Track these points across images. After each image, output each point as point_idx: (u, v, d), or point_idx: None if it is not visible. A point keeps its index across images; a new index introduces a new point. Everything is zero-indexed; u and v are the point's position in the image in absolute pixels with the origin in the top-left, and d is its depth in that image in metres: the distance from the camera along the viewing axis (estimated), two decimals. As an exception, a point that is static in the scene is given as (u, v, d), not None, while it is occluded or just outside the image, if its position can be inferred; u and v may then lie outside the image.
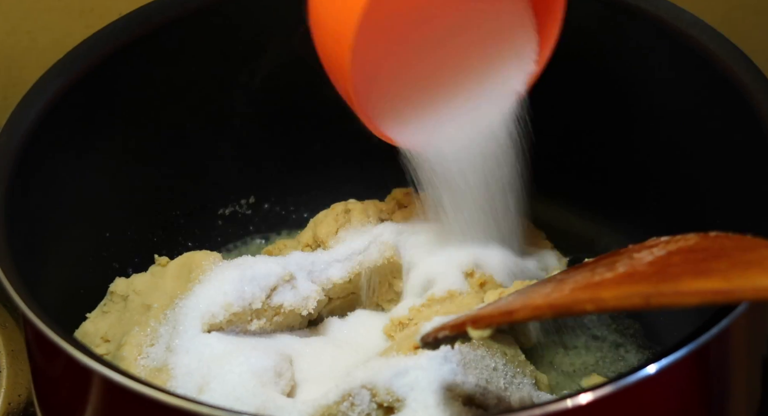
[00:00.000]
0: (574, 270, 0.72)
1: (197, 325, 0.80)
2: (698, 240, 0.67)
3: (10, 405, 0.88)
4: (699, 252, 0.65)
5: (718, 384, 0.70)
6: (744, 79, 0.80)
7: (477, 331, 0.68)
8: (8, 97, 1.11)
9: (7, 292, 0.70)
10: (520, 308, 0.66)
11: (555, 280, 0.71)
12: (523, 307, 0.66)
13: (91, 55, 0.87)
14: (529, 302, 0.67)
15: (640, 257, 0.66)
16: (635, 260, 0.66)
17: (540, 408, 0.62)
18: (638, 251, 0.68)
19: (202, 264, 0.84)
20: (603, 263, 0.68)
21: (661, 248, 0.67)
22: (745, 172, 0.81)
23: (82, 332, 0.85)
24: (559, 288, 0.67)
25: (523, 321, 0.70)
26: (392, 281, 0.87)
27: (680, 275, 0.62)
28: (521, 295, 0.71)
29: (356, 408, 0.73)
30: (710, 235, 0.67)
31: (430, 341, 0.72)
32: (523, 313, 0.66)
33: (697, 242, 0.66)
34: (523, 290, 0.73)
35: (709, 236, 0.67)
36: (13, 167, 0.78)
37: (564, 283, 0.67)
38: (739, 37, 0.84)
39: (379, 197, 0.94)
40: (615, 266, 0.66)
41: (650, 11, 0.86)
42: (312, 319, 0.86)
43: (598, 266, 0.68)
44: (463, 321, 0.69)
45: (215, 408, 0.63)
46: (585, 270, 0.69)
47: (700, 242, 0.66)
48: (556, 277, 0.73)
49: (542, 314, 0.66)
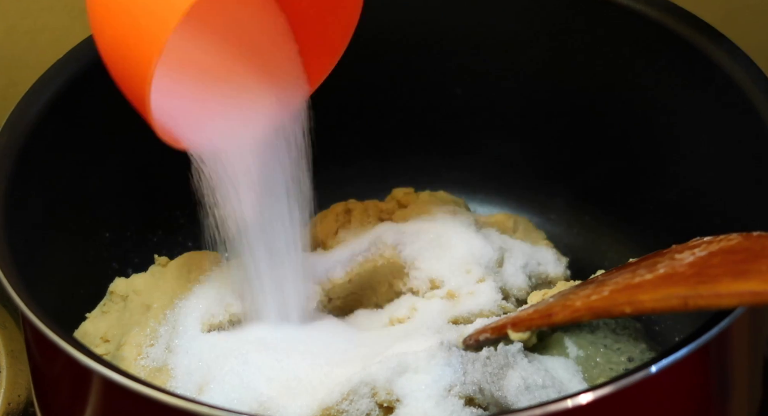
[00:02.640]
0: (616, 271, 0.72)
1: (197, 325, 0.80)
2: (740, 240, 0.66)
3: (9, 405, 0.88)
4: (740, 253, 0.64)
5: (719, 384, 0.70)
6: (744, 79, 0.80)
7: (517, 333, 0.68)
8: (8, 98, 1.11)
9: (7, 292, 0.70)
10: (560, 311, 0.66)
11: (596, 281, 0.70)
12: (563, 309, 0.66)
13: (90, 55, 0.87)
14: (568, 304, 0.67)
15: (681, 257, 0.66)
16: (676, 261, 0.66)
17: (540, 408, 0.62)
18: (680, 252, 0.67)
19: (202, 264, 0.84)
20: (644, 265, 0.68)
21: (702, 249, 0.66)
22: (746, 172, 0.80)
23: (81, 332, 0.85)
24: (598, 290, 0.66)
25: (562, 324, 0.69)
26: (392, 281, 0.87)
27: (719, 277, 0.61)
28: (562, 297, 0.70)
29: (356, 407, 0.73)
30: (753, 235, 0.66)
31: (472, 343, 0.72)
32: (562, 315, 0.66)
33: (739, 243, 0.65)
34: (564, 292, 0.72)
35: (752, 236, 0.66)
36: (13, 167, 0.78)
37: (604, 285, 0.67)
38: (739, 37, 0.84)
39: (379, 197, 0.94)
40: (656, 267, 0.66)
41: (650, 11, 0.86)
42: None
43: (639, 268, 0.68)
44: (504, 323, 0.70)
45: (215, 408, 0.63)
46: (626, 271, 0.68)
47: (742, 243, 0.65)
48: (597, 278, 0.72)
49: (581, 316, 0.66)
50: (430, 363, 0.74)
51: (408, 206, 0.91)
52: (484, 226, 0.91)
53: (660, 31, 0.86)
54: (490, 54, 0.95)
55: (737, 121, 0.81)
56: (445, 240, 0.86)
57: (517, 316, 0.70)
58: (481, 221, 0.91)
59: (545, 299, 0.73)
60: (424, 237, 0.87)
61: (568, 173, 0.97)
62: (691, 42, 0.84)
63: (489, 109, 0.97)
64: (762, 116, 0.78)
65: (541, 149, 0.98)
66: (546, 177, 0.98)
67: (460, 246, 0.86)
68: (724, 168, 0.84)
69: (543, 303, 0.71)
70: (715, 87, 0.83)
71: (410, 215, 0.90)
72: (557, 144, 0.96)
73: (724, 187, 0.83)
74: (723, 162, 0.84)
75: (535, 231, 0.93)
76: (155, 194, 0.94)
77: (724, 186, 0.83)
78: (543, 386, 0.78)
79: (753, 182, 0.79)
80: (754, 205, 0.78)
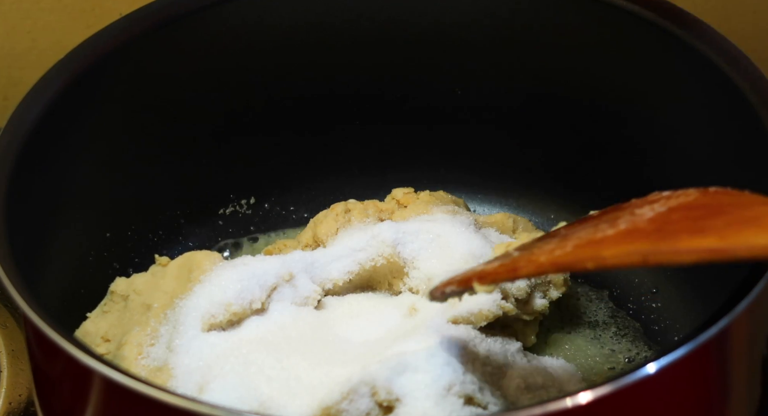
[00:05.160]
0: (578, 224, 0.72)
1: (197, 325, 0.80)
2: (698, 196, 0.67)
3: (10, 404, 0.88)
4: (698, 209, 0.65)
5: (718, 383, 0.70)
6: (744, 79, 0.80)
7: (483, 286, 0.68)
8: (8, 98, 1.11)
9: (8, 292, 0.70)
10: (524, 266, 0.67)
11: (559, 235, 0.71)
12: (527, 264, 0.67)
13: (91, 55, 0.87)
14: (533, 259, 0.67)
15: (642, 213, 0.67)
16: (636, 216, 0.66)
17: (540, 407, 0.62)
18: (640, 207, 0.68)
19: (203, 264, 0.84)
20: (606, 219, 0.69)
21: (662, 204, 0.67)
22: (746, 172, 0.81)
23: (82, 331, 0.85)
24: (562, 245, 0.67)
25: (527, 277, 0.70)
26: (392, 280, 0.87)
27: (678, 233, 0.62)
28: (526, 251, 0.71)
29: (356, 407, 0.73)
30: (710, 190, 0.67)
31: (438, 295, 0.73)
32: (527, 270, 0.67)
33: (696, 199, 0.67)
34: (528, 245, 0.72)
35: (708, 191, 0.67)
36: (13, 167, 0.78)
37: (567, 239, 0.68)
38: (739, 37, 0.84)
39: (379, 197, 0.94)
40: (617, 222, 0.66)
41: (649, 12, 0.86)
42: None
43: (601, 222, 0.68)
44: (469, 276, 0.70)
45: (215, 408, 0.63)
46: (588, 225, 0.69)
47: (700, 199, 0.66)
48: (560, 231, 0.73)
49: (545, 271, 0.67)
50: (430, 363, 0.74)
51: (408, 206, 0.91)
52: (483, 226, 0.91)
53: (659, 32, 0.86)
54: (489, 54, 0.95)
55: (737, 121, 0.81)
56: (444, 240, 0.86)
57: (483, 269, 0.70)
58: (481, 221, 0.91)
59: (509, 252, 0.73)
60: (423, 237, 0.87)
61: (568, 173, 0.97)
62: (691, 42, 0.84)
63: (489, 109, 0.97)
64: (762, 115, 0.78)
65: (541, 149, 0.98)
66: (546, 177, 0.98)
67: (459, 246, 0.86)
68: (724, 168, 0.84)
69: (508, 257, 0.71)
70: (714, 87, 0.83)
71: (410, 215, 0.90)
72: (557, 144, 0.97)
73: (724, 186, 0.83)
74: (722, 162, 0.84)
75: (535, 231, 0.93)
76: (155, 194, 0.95)
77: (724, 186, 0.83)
78: (542, 385, 0.78)
79: (753, 183, 0.79)
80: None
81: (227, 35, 0.93)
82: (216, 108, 0.95)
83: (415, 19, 0.94)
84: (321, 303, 0.85)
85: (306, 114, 0.98)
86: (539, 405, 0.63)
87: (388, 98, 0.98)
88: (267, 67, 0.95)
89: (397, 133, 0.99)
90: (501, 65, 0.95)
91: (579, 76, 0.92)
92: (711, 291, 0.77)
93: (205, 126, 0.95)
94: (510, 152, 0.98)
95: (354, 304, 0.85)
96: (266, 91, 0.96)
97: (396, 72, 0.97)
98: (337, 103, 0.98)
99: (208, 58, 0.93)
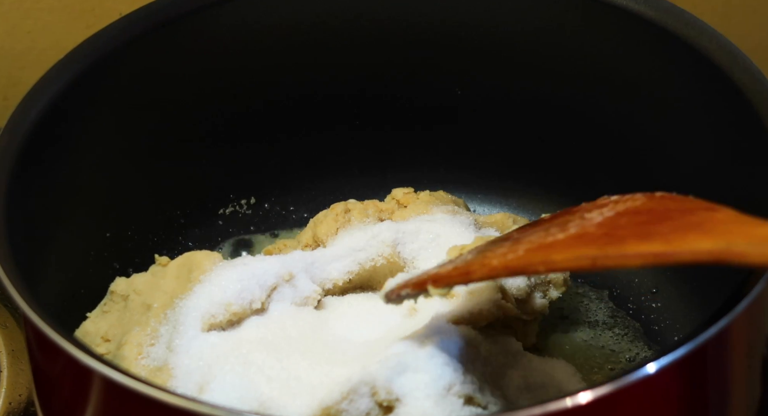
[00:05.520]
0: (530, 227, 0.74)
1: (197, 325, 0.80)
2: (645, 201, 0.69)
3: (10, 404, 0.88)
4: (644, 214, 0.67)
5: (718, 383, 0.70)
6: (744, 79, 0.80)
7: (437, 289, 0.69)
8: (8, 98, 1.11)
9: (8, 292, 0.70)
10: (478, 269, 0.68)
11: (511, 239, 0.72)
12: (481, 268, 0.68)
13: (91, 55, 0.87)
14: (486, 263, 0.69)
15: (591, 217, 0.68)
16: (586, 220, 0.68)
17: (540, 407, 0.62)
18: (590, 211, 0.70)
19: (203, 264, 0.84)
20: (557, 223, 0.70)
21: (610, 209, 0.69)
22: (745, 172, 0.81)
23: (82, 331, 0.85)
24: (514, 249, 0.69)
25: (480, 281, 0.72)
26: (392, 281, 0.87)
27: (625, 238, 0.64)
28: (479, 254, 0.72)
29: (356, 407, 0.73)
30: (656, 195, 0.69)
31: (393, 297, 0.73)
32: (480, 273, 0.68)
33: (643, 203, 0.68)
34: (481, 248, 0.74)
35: (655, 196, 0.69)
36: (13, 167, 0.78)
37: (519, 243, 0.69)
38: (739, 37, 0.84)
39: (379, 197, 0.94)
40: (567, 226, 0.68)
41: (649, 12, 0.86)
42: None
43: (552, 226, 0.70)
44: (424, 279, 0.71)
45: (215, 408, 0.63)
46: (539, 229, 0.71)
47: (647, 203, 0.68)
48: (512, 235, 0.74)
49: (498, 274, 0.69)
50: (430, 363, 0.74)
51: (408, 206, 0.91)
52: (483, 226, 0.91)
53: (659, 32, 0.86)
54: (489, 54, 0.95)
55: (737, 121, 0.81)
56: (444, 240, 0.86)
57: (437, 273, 0.72)
58: (481, 221, 0.91)
59: (463, 255, 0.74)
60: (423, 237, 0.87)
61: (569, 173, 0.97)
62: (691, 42, 0.84)
63: (489, 109, 0.97)
64: (762, 115, 0.78)
65: (541, 149, 0.98)
66: (546, 177, 0.98)
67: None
68: (724, 168, 0.84)
69: (461, 260, 0.73)
70: (714, 87, 0.83)
71: (410, 215, 0.90)
72: (557, 144, 0.97)
73: (724, 188, 0.83)
74: (722, 162, 0.84)
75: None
76: (155, 194, 0.95)
77: (723, 187, 0.83)
78: (542, 385, 0.78)
79: (752, 183, 0.79)
80: (754, 205, 0.78)
81: (227, 35, 0.93)
82: (216, 108, 0.95)
83: (415, 19, 0.94)
84: (321, 303, 0.85)
85: (306, 114, 0.98)
86: (539, 405, 0.63)
87: (388, 98, 0.98)
88: (267, 67, 0.95)
89: (397, 133, 0.99)
90: (501, 65, 0.95)
91: (579, 76, 0.92)
92: (711, 291, 0.77)
93: (205, 126, 0.95)
94: (510, 152, 0.98)
95: (354, 304, 0.85)
96: (266, 91, 0.96)
97: (396, 72, 0.97)
98: (337, 103, 0.98)
99: (208, 58, 0.93)
